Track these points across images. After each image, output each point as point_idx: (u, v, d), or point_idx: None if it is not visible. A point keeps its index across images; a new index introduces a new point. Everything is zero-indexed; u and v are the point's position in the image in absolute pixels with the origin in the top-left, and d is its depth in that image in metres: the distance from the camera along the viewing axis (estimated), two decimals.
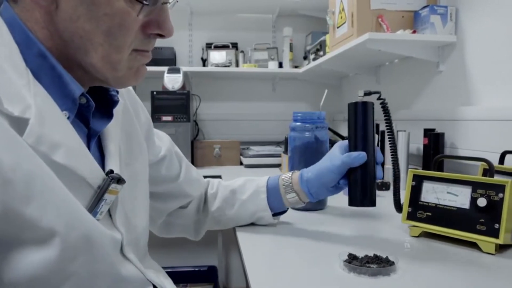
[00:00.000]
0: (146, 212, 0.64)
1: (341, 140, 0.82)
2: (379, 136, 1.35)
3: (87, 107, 0.50)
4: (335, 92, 2.35)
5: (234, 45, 2.27)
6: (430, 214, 0.73)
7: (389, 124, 0.74)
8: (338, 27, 1.52)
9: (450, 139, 1.25)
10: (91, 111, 0.51)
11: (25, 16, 0.46)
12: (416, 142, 1.36)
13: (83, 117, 0.51)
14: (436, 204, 0.72)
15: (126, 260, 0.54)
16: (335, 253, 0.63)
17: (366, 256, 0.61)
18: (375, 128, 0.73)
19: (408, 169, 0.89)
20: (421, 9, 1.29)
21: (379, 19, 1.30)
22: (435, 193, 0.73)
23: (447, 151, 1.24)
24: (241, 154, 2.06)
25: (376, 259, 0.60)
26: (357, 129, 0.71)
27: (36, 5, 0.45)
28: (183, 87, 1.93)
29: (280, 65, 2.23)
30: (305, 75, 2.20)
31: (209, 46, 2.25)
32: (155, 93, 1.85)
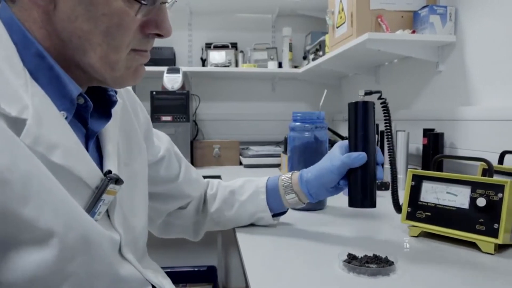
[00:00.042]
0: (145, 212, 0.64)
1: (341, 140, 0.82)
2: (378, 136, 1.35)
3: (85, 107, 0.50)
4: (334, 92, 2.35)
5: (234, 45, 2.27)
6: (429, 214, 0.72)
7: (388, 124, 0.74)
8: (337, 27, 1.52)
9: (450, 139, 1.25)
10: (89, 111, 0.51)
11: (23, 16, 0.46)
12: (415, 142, 1.36)
13: (81, 118, 0.51)
14: (436, 204, 0.72)
15: (125, 261, 0.54)
16: (334, 253, 0.63)
17: (365, 256, 0.61)
18: (375, 128, 0.73)
19: (408, 169, 0.89)
20: (420, 9, 1.29)
21: (379, 19, 1.30)
22: (434, 193, 0.73)
23: (446, 151, 1.24)
24: (240, 154, 2.06)
25: (376, 259, 0.60)
26: (358, 129, 0.71)
27: (34, 5, 0.45)
28: (183, 87, 1.93)
29: (280, 65, 2.23)
30: (304, 75, 2.20)
31: (208, 46, 2.25)
32: (154, 93, 1.85)
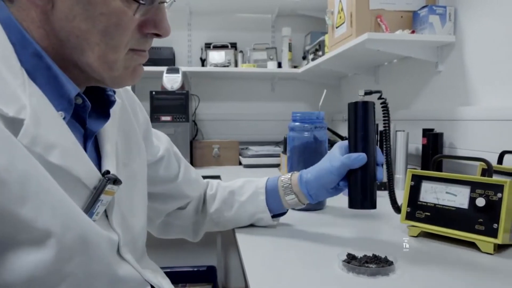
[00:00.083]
0: (144, 213, 0.64)
1: (340, 141, 0.82)
2: (378, 136, 1.35)
3: (83, 107, 0.50)
4: (334, 92, 2.35)
5: (233, 45, 2.26)
6: (429, 214, 0.72)
7: (387, 125, 0.74)
8: (337, 27, 1.52)
9: (449, 139, 1.25)
10: (87, 111, 0.51)
11: (21, 16, 0.45)
12: (415, 142, 1.36)
13: (79, 118, 0.51)
14: (435, 204, 0.72)
15: (123, 261, 0.54)
16: (334, 253, 0.63)
17: (365, 256, 0.61)
18: (375, 128, 0.72)
19: (407, 169, 0.89)
20: (420, 9, 1.29)
21: (378, 19, 1.30)
22: (434, 193, 0.73)
23: (446, 151, 1.24)
24: (240, 154, 2.06)
25: (375, 259, 0.60)
26: (357, 129, 0.70)
27: (32, 4, 0.45)
28: (182, 87, 1.93)
29: (279, 65, 2.23)
30: (304, 75, 2.20)
31: (208, 46, 2.25)
32: (154, 93, 1.85)
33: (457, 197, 0.70)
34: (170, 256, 2.20)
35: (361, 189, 0.69)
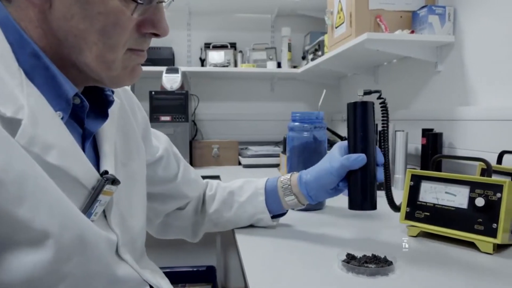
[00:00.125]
0: (143, 213, 0.64)
1: (340, 141, 0.81)
2: (377, 136, 1.34)
3: (81, 107, 0.50)
4: (333, 92, 2.35)
5: (233, 45, 2.26)
6: (428, 214, 0.72)
7: (386, 125, 0.74)
8: (336, 27, 1.52)
9: (448, 139, 1.24)
10: (85, 111, 0.51)
11: (19, 16, 0.45)
12: (414, 142, 1.36)
13: (77, 118, 0.51)
14: (434, 204, 0.72)
15: (122, 261, 0.53)
16: (333, 253, 0.63)
17: (364, 256, 0.61)
18: (375, 128, 0.72)
19: (407, 169, 0.89)
20: (419, 9, 1.29)
21: (378, 19, 1.30)
22: (433, 193, 0.73)
23: (445, 151, 1.24)
24: (239, 154, 2.06)
25: (374, 259, 0.60)
26: (357, 129, 0.69)
27: (30, 4, 0.45)
28: (182, 87, 1.93)
29: (279, 65, 2.23)
30: (303, 75, 2.20)
31: (207, 46, 2.25)
32: (153, 93, 1.85)
33: (456, 197, 0.70)
34: (169, 256, 2.19)
35: (361, 190, 0.68)
